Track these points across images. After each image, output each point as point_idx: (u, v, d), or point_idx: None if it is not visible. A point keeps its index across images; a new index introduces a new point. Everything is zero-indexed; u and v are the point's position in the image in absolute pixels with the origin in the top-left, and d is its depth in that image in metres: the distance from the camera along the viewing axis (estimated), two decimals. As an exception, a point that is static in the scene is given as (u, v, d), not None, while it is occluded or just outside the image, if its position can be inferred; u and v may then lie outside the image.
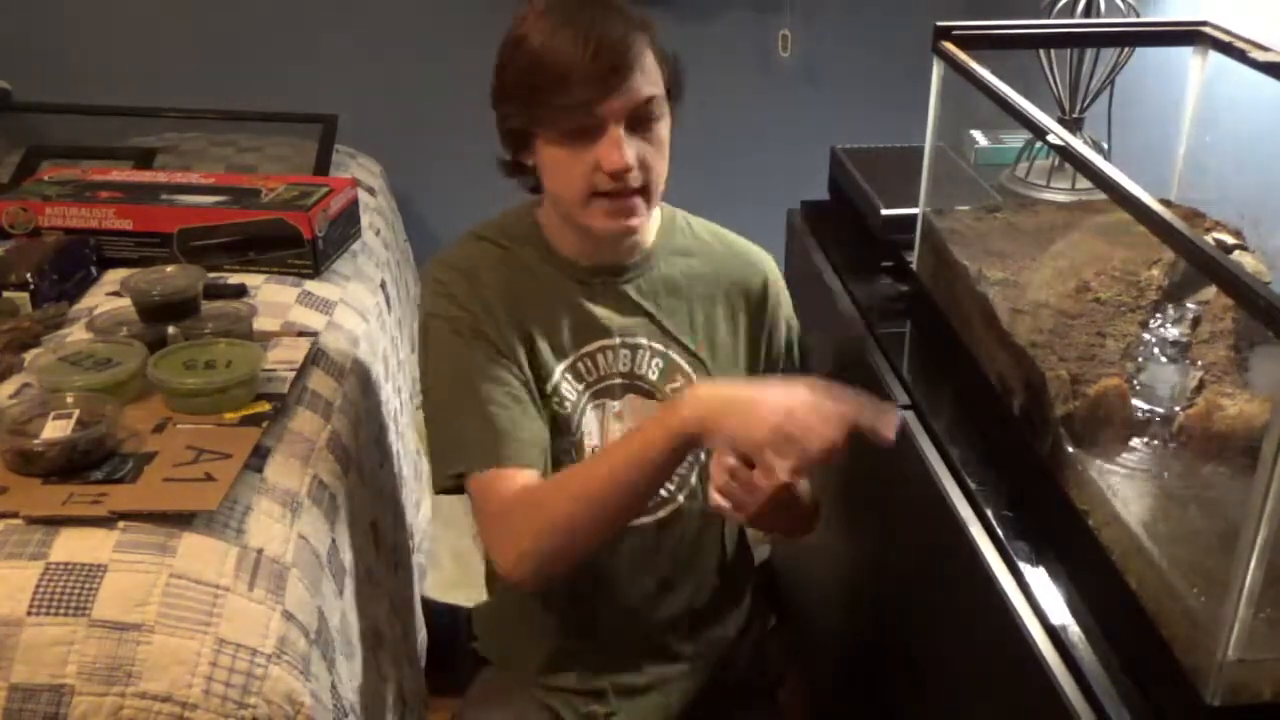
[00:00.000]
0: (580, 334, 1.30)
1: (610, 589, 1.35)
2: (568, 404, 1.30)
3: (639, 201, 1.22)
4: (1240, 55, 1.34)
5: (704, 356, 1.33)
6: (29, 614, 1.03)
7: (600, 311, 1.30)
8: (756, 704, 1.46)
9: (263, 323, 1.50)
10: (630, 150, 1.17)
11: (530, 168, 1.26)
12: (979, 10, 1.56)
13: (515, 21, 1.21)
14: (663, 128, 1.22)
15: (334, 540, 1.29)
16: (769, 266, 1.39)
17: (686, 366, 1.33)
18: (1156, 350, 1.15)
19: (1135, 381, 1.10)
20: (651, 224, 1.33)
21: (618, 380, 1.32)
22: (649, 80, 1.18)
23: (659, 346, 1.32)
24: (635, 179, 1.19)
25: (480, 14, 2.52)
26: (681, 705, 1.39)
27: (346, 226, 1.81)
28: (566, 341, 1.30)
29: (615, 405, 1.32)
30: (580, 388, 1.31)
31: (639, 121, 1.19)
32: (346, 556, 1.32)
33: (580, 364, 1.31)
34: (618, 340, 1.31)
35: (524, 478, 1.19)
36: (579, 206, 1.21)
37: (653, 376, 1.32)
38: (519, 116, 1.22)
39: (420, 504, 2.02)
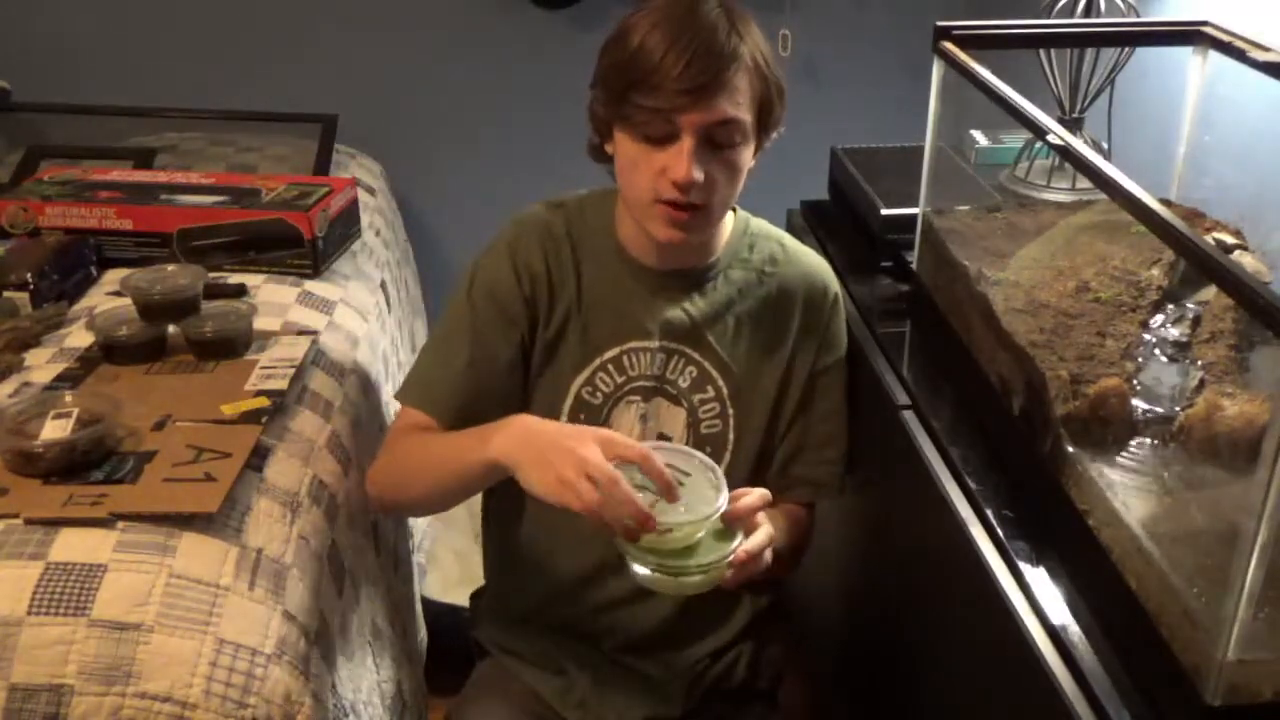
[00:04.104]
0: (624, 330, 1.32)
1: (600, 588, 1.36)
2: (599, 394, 1.33)
3: (698, 217, 1.23)
4: (1240, 55, 1.34)
5: (737, 373, 1.34)
6: (29, 614, 1.03)
7: (647, 312, 1.32)
8: (756, 704, 1.46)
9: (263, 322, 1.50)
10: (698, 166, 1.18)
11: (610, 156, 1.28)
12: (979, 10, 1.56)
13: (632, 12, 1.22)
14: (740, 153, 1.22)
15: (334, 540, 1.29)
16: (831, 293, 1.39)
17: (720, 380, 1.34)
18: (1156, 350, 1.15)
19: (1135, 381, 1.10)
20: (722, 232, 1.34)
21: (648, 382, 1.33)
22: (734, 102, 1.19)
23: (695, 355, 1.33)
24: (697, 195, 1.20)
25: (480, 14, 2.53)
26: (679, 704, 1.39)
27: (346, 226, 1.81)
28: (608, 335, 1.32)
29: (642, 406, 1.33)
30: (620, 380, 1.33)
31: (716, 141, 1.20)
32: (346, 556, 1.32)
33: (623, 359, 1.33)
34: (656, 344, 1.32)
35: (423, 424, 1.31)
36: (641, 207, 1.24)
37: (683, 384, 1.33)
38: (604, 105, 1.24)
39: (420, 504, 2.01)
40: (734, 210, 1.37)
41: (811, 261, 1.40)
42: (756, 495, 1.17)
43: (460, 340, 1.32)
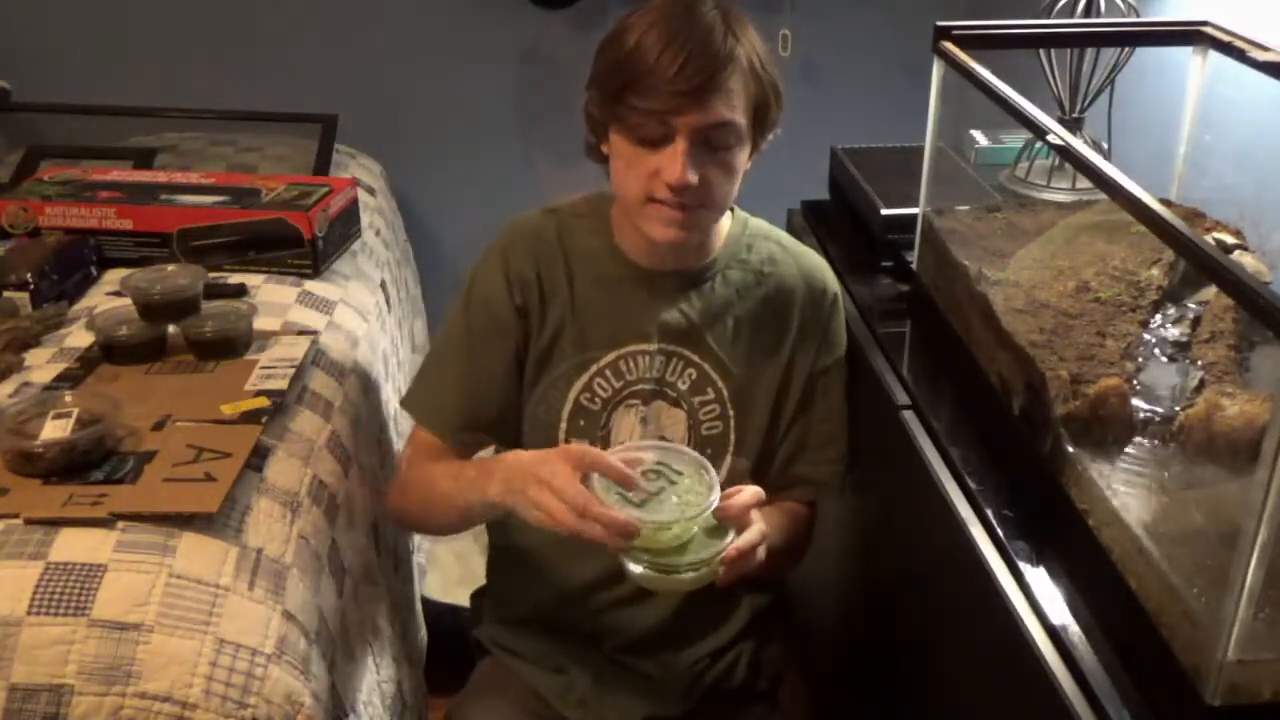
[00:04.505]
0: (621, 334, 1.32)
1: (599, 586, 1.36)
2: (598, 400, 1.32)
3: (694, 217, 1.23)
4: (1240, 55, 1.34)
5: (737, 374, 1.34)
6: (29, 614, 1.03)
7: (645, 315, 1.32)
8: (756, 705, 1.46)
9: (263, 322, 1.50)
10: (693, 168, 1.18)
11: (606, 156, 1.27)
12: (979, 10, 1.56)
13: (628, 13, 1.22)
14: (736, 154, 1.22)
15: (334, 540, 1.29)
16: (830, 293, 1.38)
17: (720, 382, 1.34)
18: (1156, 350, 1.15)
19: (1135, 381, 1.10)
20: (720, 232, 1.34)
21: (647, 385, 1.33)
22: (729, 105, 1.18)
23: (694, 358, 1.33)
24: (692, 197, 1.20)
25: (480, 14, 2.53)
26: (678, 704, 1.39)
27: (346, 226, 1.81)
28: (606, 339, 1.32)
29: (643, 410, 1.33)
30: (618, 385, 1.32)
31: (711, 142, 1.19)
32: (346, 556, 1.33)
33: (621, 363, 1.32)
34: (655, 346, 1.32)
35: (429, 444, 1.35)
36: (636, 207, 1.24)
37: (682, 386, 1.33)
38: (599, 106, 1.24)
39: (420, 504, 2.01)
40: (732, 210, 1.37)
41: (811, 261, 1.40)
42: (749, 493, 1.17)
43: (456, 353, 1.34)
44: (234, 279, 1.62)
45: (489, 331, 1.32)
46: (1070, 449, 1.06)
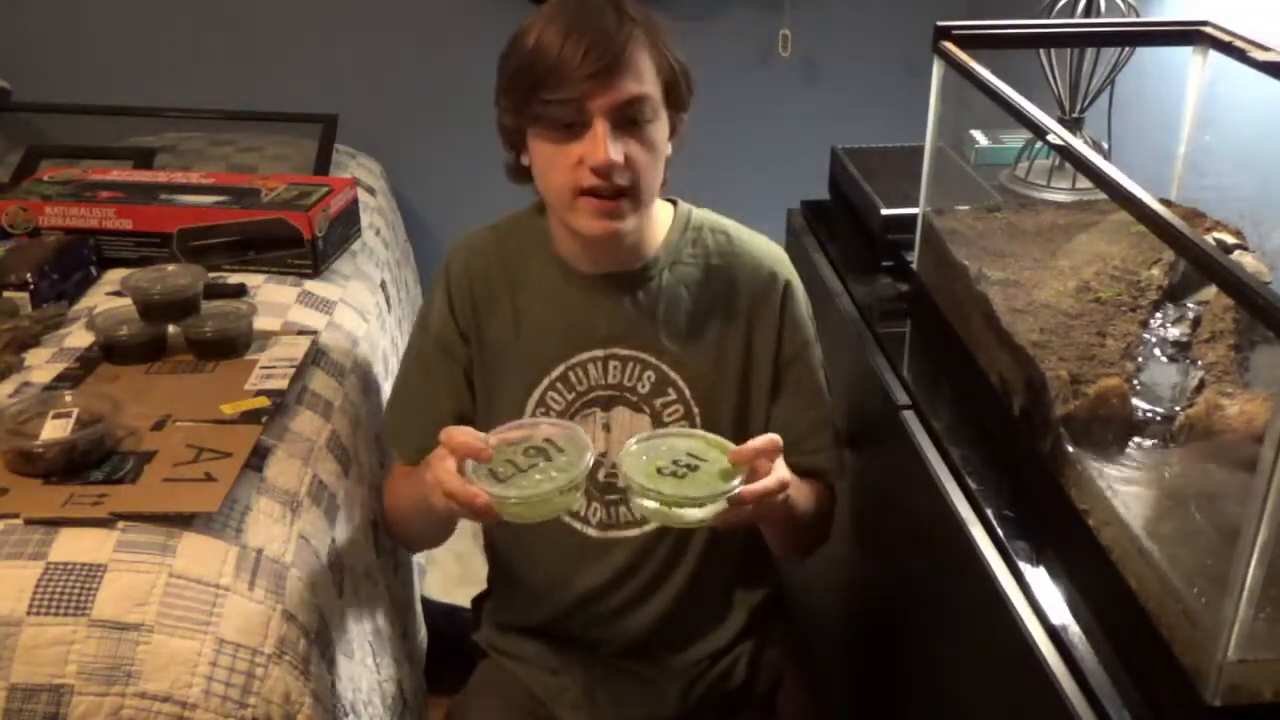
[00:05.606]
0: (571, 343, 1.31)
1: (599, 593, 1.36)
2: (553, 414, 1.31)
3: (625, 203, 1.20)
4: (1240, 55, 1.34)
5: (694, 371, 1.32)
6: (29, 614, 1.03)
7: (594, 321, 1.30)
8: (754, 709, 1.46)
9: (263, 322, 1.50)
10: (616, 148, 1.17)
11: (530, 173, 1.26)
12: (979, 10, 1.56)
13: (525, 20, 1.22)
14: (655, 130, 1.21)
15: (334, 540, 1.29)
16: (781, 279, 1.34)
17: (679, 380, 1.32)
18: (1156, 350, 1.15)
19: (1135, 381, 1.10)
20: (657, 228, 1.32)
21: (606, 392, 1.32)
22: (640, 80, 1.18)
23: (651, 359, 1.31)
24: (621, 177, 1.18)
25: (480, 14, 2.53)
26: (675, 706, 1.39)
27: (346, 226, 1.81)
28: (557, 350, 1.31)
29: (603, 416, 1.32)
30: (570, 397, 1.31)
31: (628, 121, 1.18)
32: (346, 556, 1.33)
33: (570, 374, 1.31)
34: (605, 352, 1.31)
35: (404, 466, 1.38)
36: (566, 205, 1.21)
37: (643, 389, 1.32)
38: (512, 112, 1.22)
39: (420, 504, 2.01)
40: (674, 205, 1.36)
41: (761, 249, 1.36)
42: (762, 439, 1.13)
43: (413, 377, 1.37)
44: (234, 279, 1.62)
45: (439, 356, 1.34)
46: (1070, 449, 1.06)
